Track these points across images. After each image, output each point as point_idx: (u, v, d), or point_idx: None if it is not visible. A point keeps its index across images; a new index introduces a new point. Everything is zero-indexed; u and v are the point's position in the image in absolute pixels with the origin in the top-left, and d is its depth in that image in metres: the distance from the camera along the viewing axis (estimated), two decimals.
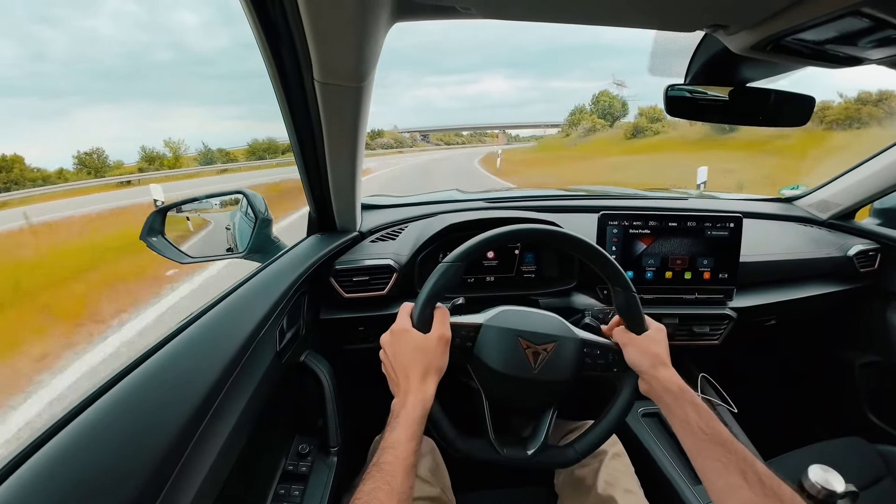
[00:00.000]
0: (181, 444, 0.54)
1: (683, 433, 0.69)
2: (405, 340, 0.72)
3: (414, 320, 0.74)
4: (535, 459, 0.78)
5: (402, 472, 0.59)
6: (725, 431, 0.65)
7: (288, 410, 0.98)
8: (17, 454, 0.47)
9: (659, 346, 0.76)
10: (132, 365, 0.62)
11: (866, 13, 0.48)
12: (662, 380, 0.72)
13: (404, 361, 0.71)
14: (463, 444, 0.77)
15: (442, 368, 0.73)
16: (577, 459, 0.80)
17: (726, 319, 1.28)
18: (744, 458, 0.61)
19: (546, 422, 0.80)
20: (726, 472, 0.61)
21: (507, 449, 0.78)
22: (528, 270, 1.32)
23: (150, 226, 1.11)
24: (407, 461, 0.60)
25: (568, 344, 0.79)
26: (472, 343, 0.78)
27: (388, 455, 0.60)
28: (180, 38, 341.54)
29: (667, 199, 1.72)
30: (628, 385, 0.79)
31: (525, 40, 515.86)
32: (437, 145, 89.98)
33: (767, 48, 0.62)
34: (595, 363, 0.80)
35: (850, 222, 1.61)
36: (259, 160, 34.07)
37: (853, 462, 1.18)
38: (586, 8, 0.63)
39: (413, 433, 0.64)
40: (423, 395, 0.68)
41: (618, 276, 0.78)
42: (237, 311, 0.81)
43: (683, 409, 0.69)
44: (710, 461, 0.63)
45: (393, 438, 0.63)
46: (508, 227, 0.79)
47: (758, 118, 0.92)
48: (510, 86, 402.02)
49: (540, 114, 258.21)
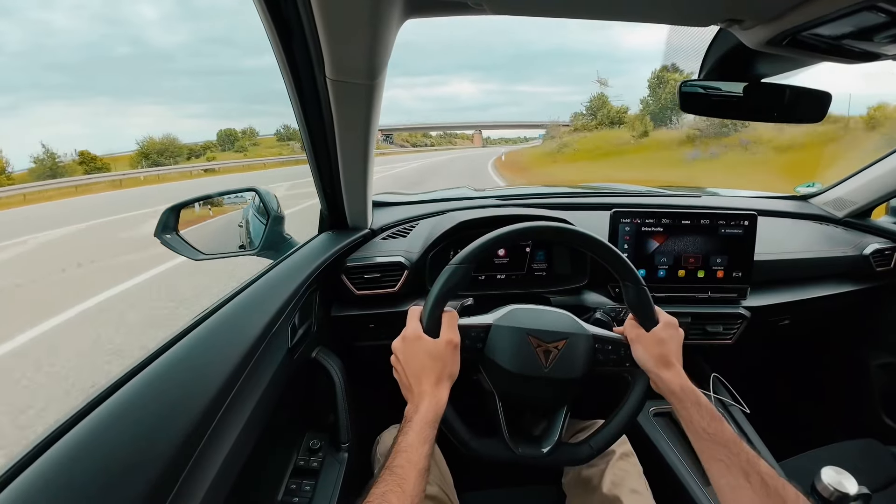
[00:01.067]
0: (194, 438, 0.54)
1: (689, 433, 0.69)
2: (418, 347, 0.72)
3: (423, 324, 0.74)
4: (551, 457, 0.78)
5: (414, 476, 0.59)
6: (729, 431, 0.65)
7: (299, 406, 0.99)
8: (33, 448, 0.48)
9: (665, 346, 0.75)
10: (147, 360, 0.63)
11: (882, 7, 0.48)
12: (666, 381, 0.72)
13: (417, 368, 0.71)
14: (478, 445, 0.77)
15: (454, 374, 0.73)
16: (593, 456, 0.79)
17: (740, 319, 1.27)
18: (747, 458, 0.61)
19: (560, 419, 0.80)
20: (729, 473, 0.61)
21: (523, 448, 0.78)
22: (540, 268, 1.32)
23: (164, 223, 1.12)
24: (419, 465, 0.60)
25: (579, 340, 0.78)
26: (483, 344, 0.78)
27: (401, 458, 0.60)
28: (140, 32, 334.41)
29: (679, 197, 1.71)
30: (641, 380, 0.78)
31: (494, 44, 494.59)
32: (402, 147, 79.78)
33: (783, 43, 0.61)
34: (607, 358, 0.79)
35: (866, 220, 1.59)
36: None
37: (867, 464, 1.17)
38: (600, 3, 0.62)
39: (426, 437, 0.64)
40: (437, 400, 0.68)
41: (627, 270, 0.78)
42: (250, 308, 0.82)
43: (687, 409, 0.69)
44: (713, 461, 0.64)
45: (406, 442, 0.63)
46: (515, 226, 0.79)
47: (773, 114, 0.91)
48: (477, 89, 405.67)
49: (508, 116, 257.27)
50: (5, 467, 0.46)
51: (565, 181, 12.55)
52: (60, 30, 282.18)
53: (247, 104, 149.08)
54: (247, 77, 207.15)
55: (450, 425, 0.75)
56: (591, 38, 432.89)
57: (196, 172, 24.09)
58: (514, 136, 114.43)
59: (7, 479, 0.44)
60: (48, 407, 2.56)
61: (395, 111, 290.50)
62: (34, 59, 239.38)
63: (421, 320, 0.74)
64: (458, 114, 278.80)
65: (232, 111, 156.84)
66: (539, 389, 0.78)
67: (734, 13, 0.60)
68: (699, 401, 0.70)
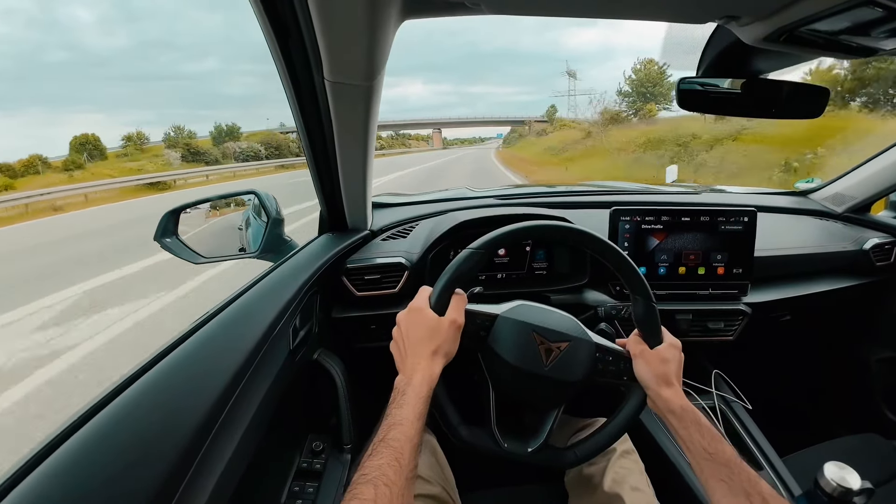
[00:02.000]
0: (197, 442, 0.54)
1: (688, 453, 0.69)
2: (420, 319, 0.73)
3: (431, 302, 0.74)
4: (534, 458, 0.77)
5: (409, 450, 0.59)
6: (730, 451, 0.65)
7: (301, 408, 0.99)
8: (36, 453, 0.48)
9: (667, 365, 0.75)
10: (148, 364, 0.63)
11: (879, 2, 0.48)
12: (666, 399, 0.72)
13: (416, 338, 0.71)
14: (465, 432, 0.77)
15: (451, 353, 0.73)
16: (576, 463, 0.80)
17: (740, 315, 1.27)
18: (748, 478, 0.61)
19: (550, 421, 0.80)
20: (731, 493, 0.61)
21: (509, 443, 0.78)
22: (540, 267, 1.32)
23: (163, 227, 1.12)
24: (414, 440, 0.60)
25: (581, 345, 0.78)
26: (487, 333, 0.78)
27: (396, 431, 0.60)
28: (76, 36, 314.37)
29: (678, 194, 1.71)
30: (636, 397, 0.79)
31: (445, 45, 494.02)
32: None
33: (780, 39, 0.61)
34: (606, 369, 0.80)
35: (865, 215, 1.59)
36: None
37: (870, 459, 1.17)
38: (597, 2, 0.63)
39: (420, 412, 0.64)
40: (430, 374, 0.69)
41: (642, 286, 0.78)
42: (251, 311, 0.82)
43: (687, 429, 0.69)
44: (714, 481, 0.64)
45: (401, 415, 0.62)
46: (540, 222, 0.80)
47: (770, 110, 0.91)
48: (429, 90, 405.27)
49: (461, 116, 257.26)
50: (9, 472, 0.46)
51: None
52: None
53: (193, 110, 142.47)
54: (190, 82, 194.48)
55: (441, 409, 0.75)
56: (540, 39, 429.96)
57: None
58: (470, 137, 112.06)
59: (11, 483, 0.44)
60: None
61: None
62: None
63: (430, 298, 0.75)
64: (409, 115, 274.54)
65: (178, 117, 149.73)
66: (535, 387, 0.78)
67: (731, 10, 0.60)
68: (699, 420, 0.70)
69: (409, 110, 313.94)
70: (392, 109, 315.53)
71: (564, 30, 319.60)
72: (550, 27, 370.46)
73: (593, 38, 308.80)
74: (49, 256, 7.07)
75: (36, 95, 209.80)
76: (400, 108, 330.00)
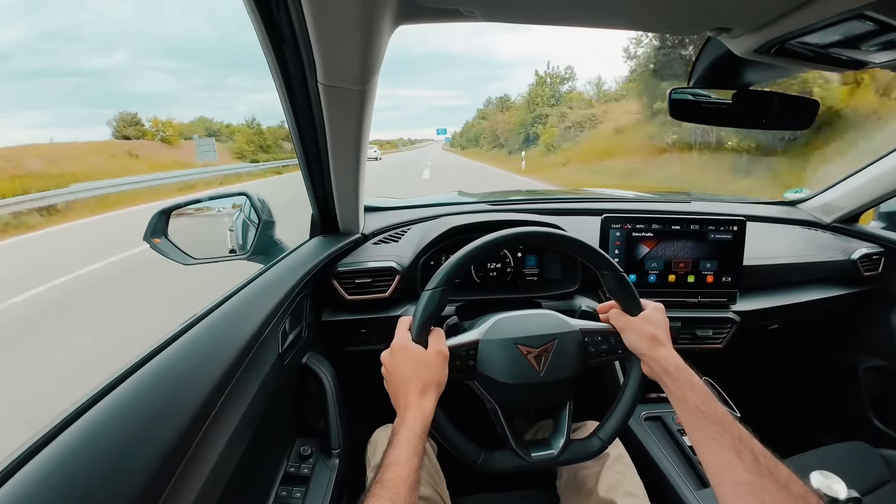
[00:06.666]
0: (183, 445, 0.54)
1: (680, 412, 0.69)
2: (406, 355, 0.72)
3: (413, 338, 0.73)
4: (563, 457, 0.78)
5: (405, 489, 0.59)
6: (722, 410, 0.65)
7: (290, 412, 0.98)
8: (22, 453, 0.47)
9: (655, 327, 0.76)
10: (135, 366, 0.62)
11: (870, 16, 0.48)
12: (660, 360, 0.73)
13: (403, 377, 0.71)
14: (489, 461, 0.76)
15: (441, 383, 0.72)
16: (604, 447, 0.80)
17: (729, 323, 1.28)
18: (739, 436, 0.62)
19: (565, 418, 0.80)
20: (721, 450, 0.61)
21: (534, 454, 0.77)
22: (531, 273, 1.32)
23: (153, 227, 1.11)
24: (410, 478, 0.60)
25: (568, 339, 0.79)
26: (474, 361, 0.77)
27: (391, 472, 0.60)
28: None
29: (669, 203, 1.72)
30: (637, 366, 0.79)
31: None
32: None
33: (771, 51, 0.62)
34: (599, 349, 0.80)
35: (854, 226, 1.61)
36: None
37: (857, 467, 1.18)
38: (590, 11, 0.63)
39: (415, 449, 0.64)
40: (423, 411, 0.68)
41: (602, 259, 0.79)
42: (240, 313, 0.81)
43: (681, 388, 0.70)
44: (705, 439, 0.64)
45: (395, 455, 0.62)
46: (483, 240, 0.78)
47: (761, 121, 0.92)
48: None
49: (391, 121, 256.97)
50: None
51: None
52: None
53: (96, 109, 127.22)
54: (96, 78, 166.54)
55: (456, 447, 0.75)
56: (471, 43, 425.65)
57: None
58: (420, 138, 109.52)
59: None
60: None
61: (261, 117, 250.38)
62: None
63: (411, 334, 0.74)
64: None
65: (83, 118, 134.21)
66: (538, 394, 0.78)
67: (723, 22, 0.60)
68: (692, 379, 0.70)
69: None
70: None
71: (497, 36, 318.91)
72: (483, 32, 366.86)
73: (525, 46, 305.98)
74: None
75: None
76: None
